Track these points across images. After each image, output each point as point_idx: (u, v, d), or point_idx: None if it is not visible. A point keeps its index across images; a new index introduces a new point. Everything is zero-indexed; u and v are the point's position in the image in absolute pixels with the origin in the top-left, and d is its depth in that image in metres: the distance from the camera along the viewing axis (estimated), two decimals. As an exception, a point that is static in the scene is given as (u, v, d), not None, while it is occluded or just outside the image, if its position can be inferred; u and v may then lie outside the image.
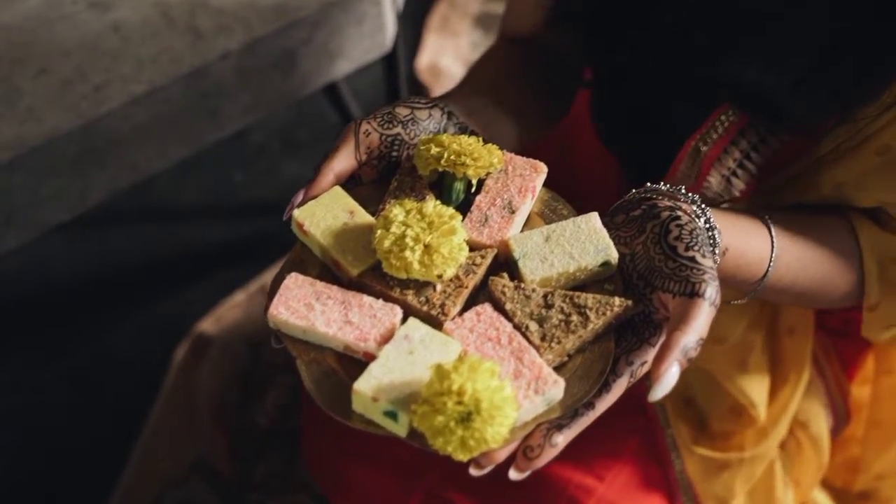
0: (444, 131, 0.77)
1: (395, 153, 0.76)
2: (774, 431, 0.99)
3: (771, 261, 0.77)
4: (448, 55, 2.01)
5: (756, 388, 0.98)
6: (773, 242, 0.77)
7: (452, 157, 0.71)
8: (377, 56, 1.43)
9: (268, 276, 1.51)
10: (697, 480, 0.99)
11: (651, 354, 0.66)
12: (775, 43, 0.78)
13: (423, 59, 2.01)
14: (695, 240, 0.67)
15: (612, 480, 0.98)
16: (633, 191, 0.75)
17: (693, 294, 0.64)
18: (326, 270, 0.71)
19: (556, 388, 0.62)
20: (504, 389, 0.59)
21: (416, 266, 0.66)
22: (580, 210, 0.73)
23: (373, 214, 0.73)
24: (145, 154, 1.25)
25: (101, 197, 1.25)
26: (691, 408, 1.01)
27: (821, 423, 1.02)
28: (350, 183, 0.76)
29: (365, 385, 0.61)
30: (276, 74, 1.29)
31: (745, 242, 0.76)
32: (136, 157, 1.24)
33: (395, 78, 1.61)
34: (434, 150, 0.71)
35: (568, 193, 1.08)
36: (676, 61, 0.85)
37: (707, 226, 0.71)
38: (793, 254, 0.79)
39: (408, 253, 0.66)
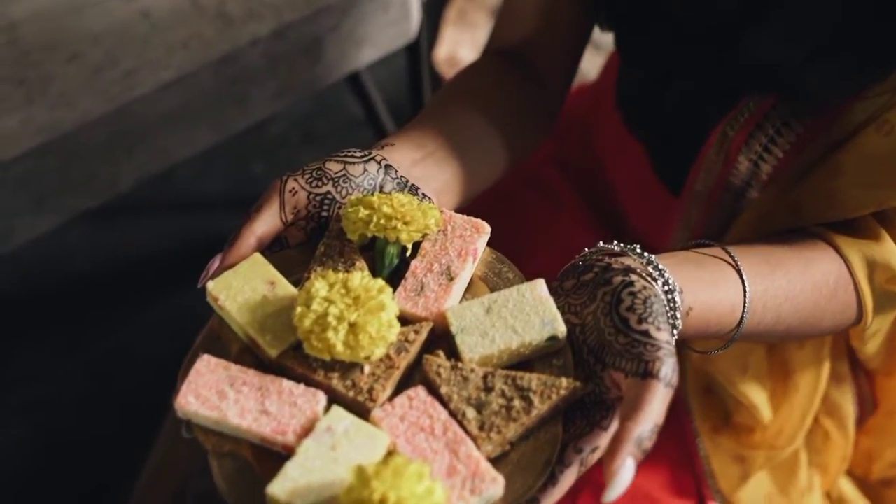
0: (381, 188, 0.71)
1: (325, 212, 0.69)
2: (792, 439, 0.95)
3: (745, 307, 0.71)
4: (465, 47, 2.03)
5: (756, 392, 0.94)
6: (744, 287, 0.71)
7: (383, 220, 0.64)
8: (403, 44, 1.44)
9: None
10: (718, 468, 0.96)
11: (603, 439, 0.60)
12: (792, 16, 0.75)
13: (442, 52, 2.03)
14: (649, 310, 0.60)
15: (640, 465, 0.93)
16: (586, 249, 0.68)
17: (646, 374, 0.57)
18: (247, 347, 0.64)
19: (494, 486, 0.56)
20: (433, 494, 0.53)
21: (339, 348, 0.59)
22: (574, 227, 0.65)
23: (299, 282, 0.66)
24: (174, 140, 1.26)
25: (129, 183, 1.25)
26: (712, 396, 0.97)
27: (849, 410, 0.97)
28: (275, 246, 0.69)
29: (280, 489, 0.55)
30: (304, 61, 1.30)
31: (712, 295, 0.69)
32: (166, 143, 1.25)
33: (418, 67, 1.61)
34: (363, 212, 0.65)
35: (593, 183, 1.07)
36: (701, 42, 0.82)
37: (666, 288, 0.64)
38: (770, 293, 0.73)
39: (330, 333, 0.59)
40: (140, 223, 1.77)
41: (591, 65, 1.85)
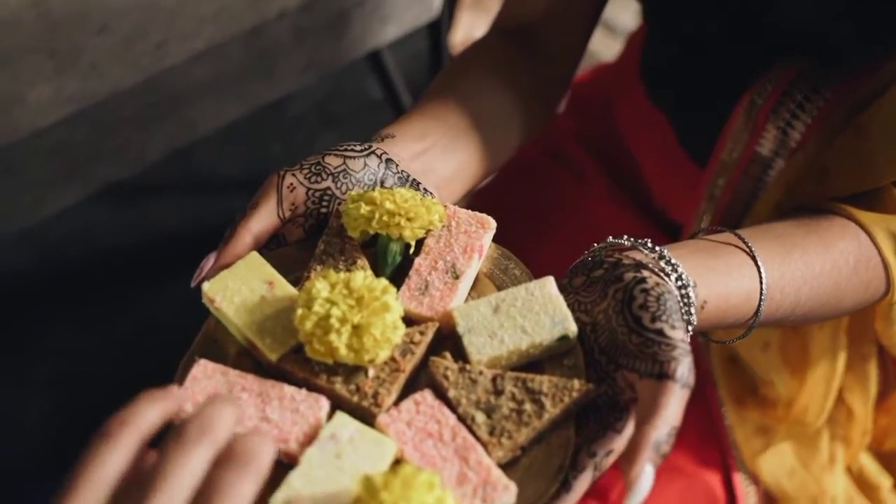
0: (382, 183, 0.68)
1: (324, 209, 0.66)
2: (817, 416, 0.94)
3: (762, 293, 0.69)
4: (481, 30, 2.03)
5: (777, 369, 0.93)
6: (760, 273, 0.69)
7: (385, 217, 0.62)
8: (425, 21, 1.44)
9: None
10: (742, 439, 0.95)
11: (618, 442, 0.57)
12: None
13: (458, 35, 2.03)
14: (662, 308, 0.58)
15: None
16: (595, 245, 0.66)
17: (662, 375, 0.55)
18: (246, 350, 0.62)
19: (506, 494, 0.54)
20: (444, 504, 0.51)
21: (343, 351, 0.57)
22: (598, 202, 0.63)
23: (298, 281, 0.64)
24: (203, 112, 1.26)
25: (158, 154, 1.26)
26: (737, 366, 0.96)
27: (872, 389, 0.96)
28: (273, 243, 0.67)
29: (283, 500, 0.52)
30: (330, 35, 1.30)
31: (727, 285, 0.67)
32: (195, 115, 1.25)
33: (438, 47, 1.61)
34: (364, 209, 0.62)
35: (616, 158, 1.06)
36: (735, 5, 0.81)
37: (679, 283, 0.62)
38: (787, 277, 0.70)
39: (333, 336, 0.56)
40: (159, 202, 1.78)
41: (606, 48, 1.84)
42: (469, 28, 2.09)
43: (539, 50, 0.90)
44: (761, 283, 0.68)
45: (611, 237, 0.65)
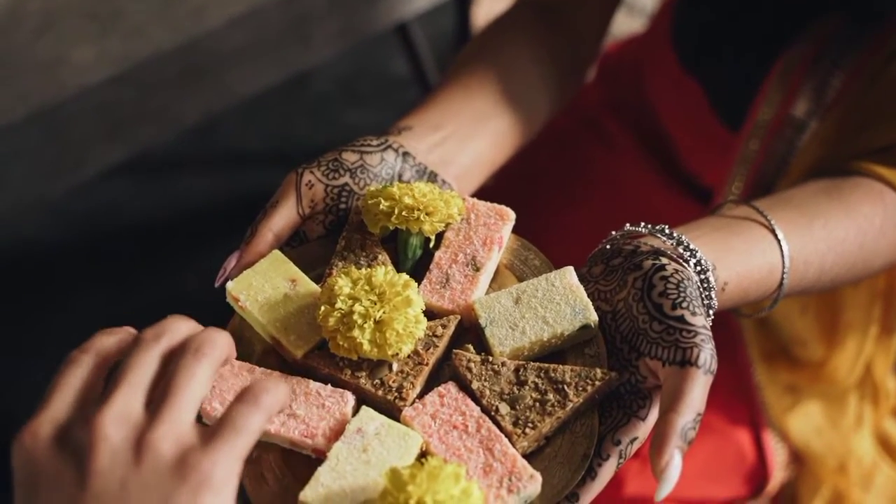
0: (400, 176, 0.69)
1: (343, 205, 0.67)
2: (847, 375, 0.94)
3: (784, 266, 0.69)
4: (504, 3, 2.00)
5: (810, 328, 0.94)
6: (781, 247, 0.69)
7: (405, 212, 0.62)
8: None
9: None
10: (771, 398, 0.96)
11: (642, 429, 0.58)
12: None
13: (480, 13, 2.03)
14: (682, 294, 0.58)
15: None
16: (613, 233, 0.66)
17: (685, 362, 0.55)
18: (271, 347, 0.63)
19: (532, 484, 0.54)
20: (471, 496, 0.51)
21: (366, 346, 0.57)
22: (630, 170, 0.63)
23: (320, 277, 0.64)
24: (241, 76, 1.29)
25: (197, 118, 1.28)
26: (766, 326, 0.96)
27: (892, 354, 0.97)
28: (294, 241, 0.67)
29: (312, 495, 0.53)
30: (363, 2, 1.33)
31: (748, 263, 0.67)
32: (232, 79, 1.28)
33: (466, 22, 1.63)
34: (384, 204, 0.63)
35: (647, 126, 1.06)
36: None
37: (699, 269, 0.62)
38: (810, 246, 0.70)
39: (356, 332, 0.57)
40: (185, 177, 1.80)
41: (626, 27, 1.83)
42: (491, 4, 2.07)
43: (564, 24, 0.89)
44: (783, 256, 0.68)
45: (628, 224, 0.65)
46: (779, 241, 0.68)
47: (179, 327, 0.51)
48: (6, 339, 1.57)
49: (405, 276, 0.59)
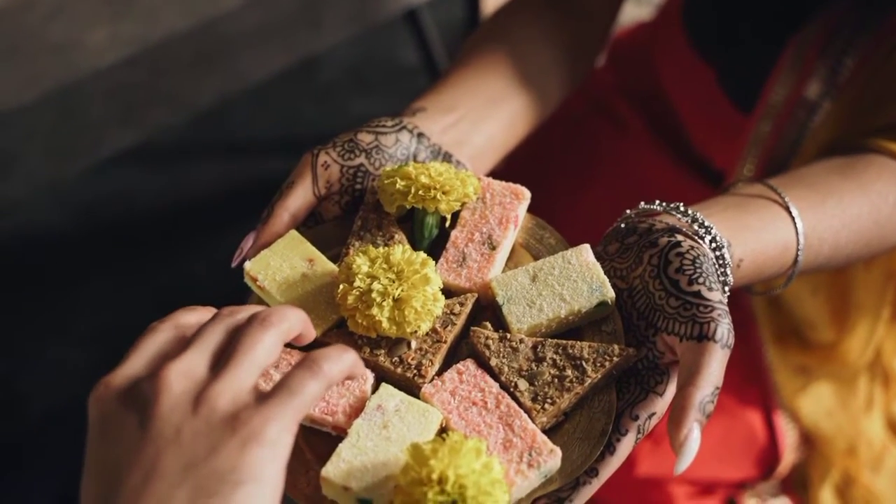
0: (414, 157, 0.69)
1: (358, 185, 0.67)
2: (858, 357, 0.95)
3: (799, 243, 0.69)
4: None
5: (820, 311, 0.94)
6: (795, 224, 0.69)
7: (421, 191, 0.62)
8: None
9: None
10: (782, 379, 0.97)
11: (660, 405, 0.58)
12: None
13: (490, 0, 2.03)
14: (698, 270, 0.58)
15: None
16: (628, 211, 0.66)
17: (702, 337, 0.56)
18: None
19: (552, 458, 0.55)
20: (492, 470, 0.52)
21: (385, 324, 0.58)
22: (642, 154, 0.63)
23: (337, 257, 0.64)
24: (252, 60, 1.30)
25: (209, 101, 1.29)
26: (778, 307, 0.97)
27: None
28: (310, 221, 0.68)
29: (334, 471, 0.54)
30: None
31: (763, 240, 0.67)
32: (244, 63, 1.29)
33: (476, 7, 1.63)
34: (400, 184, 0.63)
35: (658, 110, 1.06)
36: None
37: (714, 245, 0.62)
38: (824, 223, 0.70)
39: (375, 310, 0.57)
40: (193, 164, 1.82)
41: (634, 15, 1.82)
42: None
43: (575, 7, 0.89)
44: (797, 233, 0.68)
45: (643, 203, 0.66)
46: (793, 218, 0.68)
47: (256, 308, 0.53)
48: (19, 323, 1.59)
49: (423, 255, 0.60)
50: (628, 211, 0.66)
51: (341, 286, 0.59)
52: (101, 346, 1.59)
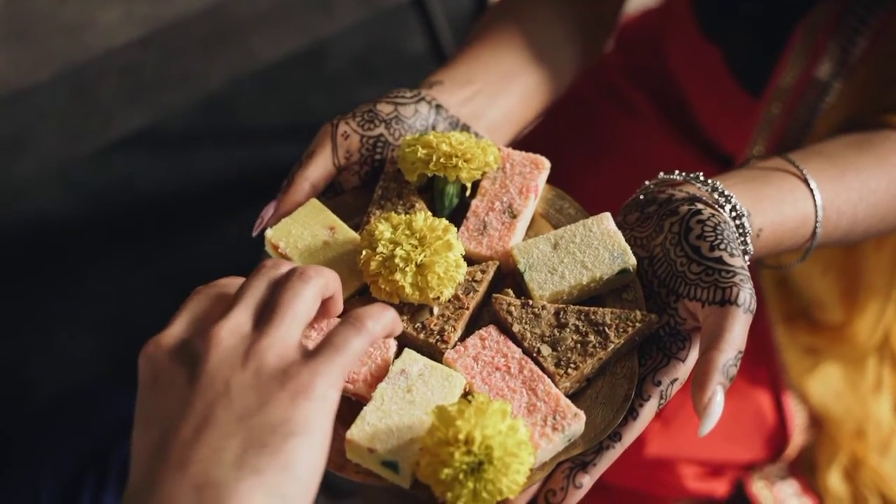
0: (433, 128, 0.69)
1: (378, 156, 0.67)
2: (868, 338, 0.95)
3: (818, 216, 0.69)
4: None
5: (830, 290, 0.94)
6: (814, 196, 0.69)
7: (442, 159, 0.62)
8: None
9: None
10: (791, 360, 0.97)
11: (682, 371, 0.58)
12: None
13: None
14: (720, 237, 0.59)
15: None
16: (647, 182, 0.66)
17: (725, 302, 0.56)
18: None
19: (576, 422, 0.55)
20: (517, 432, 0.52)
21: (408, 290, 0.58)
22: (652, 137, 0.63)
23: (357, 226, 0.64)
24: (264, 42, 1.31)
25: (220, 84, 1.30)
26: (787, 288, 0.97)
27: None
28: (329, 192, 0.68)
29: (359, 434, 0.54)
30: None
31: (782, 212, 0.67)
32: (256, 45, 1.30)
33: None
34: (421, 152, 0.63)
35: (668, 94, 1.06)
36: None
37: (734, 214, 0.62)
38: (843, 196, 0.70)
39: (398, 275, 0.58)
40: (200, 152, 1.82)
41: (641, 3, 1.82)
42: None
43: None
44: (815, 205, 0.68)
45: (662, 173, 0.66)
46: (811, 190, 0.68)
47: (294, 263, 0.55)
48: (27, 309, 1.59)
49: (445, 221, 0.60)
50: (647, 182, 0.66)
51: (364, 252, 0.59)
52: (108, 333, 1.59)
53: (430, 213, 0.61)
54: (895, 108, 0.77)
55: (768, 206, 0.66)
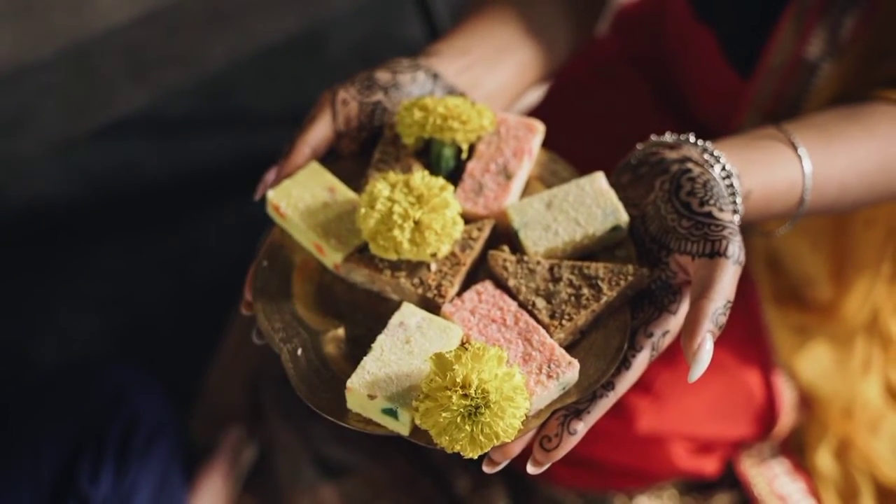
0: (431, 95, 0.70)
1: (376, 122, 0.69)
2: (856, 313, 0.97)
3: (805, 183, 0.70)
4: None
5: (820, 266, 0.96)
6: (802, 162, 0.70)
7: (438, 121, 0.64)
8: None
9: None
10: (780, 338, 0.98)
11: (673, 323, 0.60)
12: None
13: None
14: (709, 193, 0.60)
15: None
16: (638, 145, 0.68)
17: (714, 254, 0.57)
18: (310, 255, 0.65)
19: (570, 370, 0.56)
20: (514, 377, 0.53)
21: (406, 246, 0.59)
22: (649, 119, 0.65)
23: (356, 190, 0.66)
24: (263, 24, 1.32)
25: (220, 63, 1.32)
26: (777, 268, 0.98)
27: None
28: (328, 158, 0.69)
29: (359, 382, 0.55)
30: None
31: (771, 174, 0.68)
32: (255, 26, 1.32)
33: None
34: (418, 114, 0.65)
35: (663, 76, 1.07)
36: None
37: (724, 173, 0.64)
38: (830, 163, 0.72)
39: (396, 232, 0.59)
40: (202, 137, 1.81)
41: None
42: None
43: None
44: (803, 171, 0.70)
45: (653, 136, 0.67)
46: (800, 157, 0.70)
47: None
48: (28, 291, 1.61)
49: (442, 180, 0.61)
50: (639, 145, 0.68)
51: (363, 210, 0.60)
52: (109, 312, 1.61)
53: (427, 173, 0.63)
54: (885, 83, 0.79)
55: (758, 169, 0.67)
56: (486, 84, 0.76)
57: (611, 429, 0.99)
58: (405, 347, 0.57)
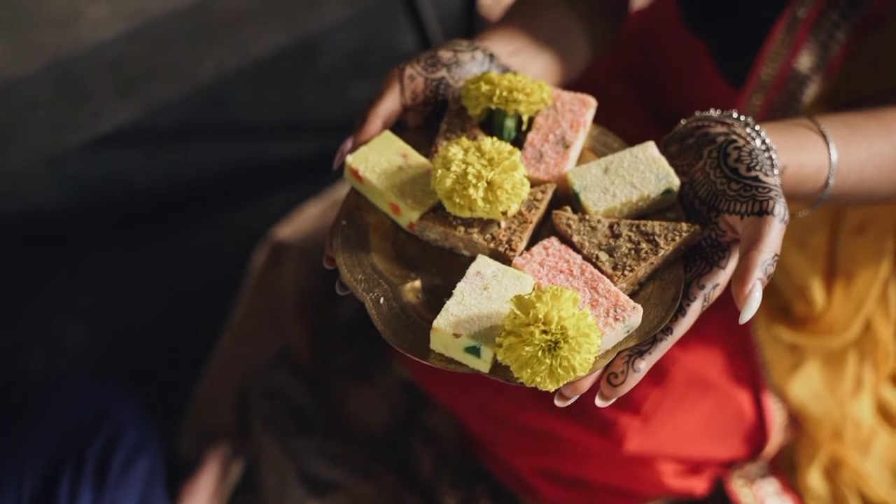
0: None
1: (440, 97, 0.74)
2: (846, 326, 1.00)
3: (831, 168, 0.75)
4: None
5: (811, 274, 0.99)
6: (829, 149, 0.76)
7: (504, 93, 0.70)
8: None
9: (340, 190, 1.59)
10: (772, 357, 1.01)
11: (722, 277, 0.65)
12: None
13: None
14: (755, 160, 0.66)
15: (694, 348, 1.00)
16: (683, 121, 0.74)
17: (762, 212, 0.63)
18: (384, 216, 0.70)
19: (635, 314, 0.62)
20: (587, 317, 0.59)
21: (480, 203, 0.65)
22: (638, 133, 0.72)
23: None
24: (252, 36, 1.33)
25: (209, 78, 1.32)
26: (769, 288, 1.01)
27: (893, 310, 1.02)
28: (395, 130, 0.75)
29: (444, 322, 0.60)
30: None
31: (802, 156, 0.74)
32: (245, 39, 1.32)
33: (473, 5, 1.66)
34: (484, 87, 0.70)
35: (654, 90, 1.10)
36: None
37: (763, 146, 0.70)
38: (852, 155, 0.77)
39: (471, 190, 0.64)
40: (197, 146, 1.85)
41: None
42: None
43: None
44: (830, 158, 0.76)
45: (697, 112, 0.73)
46: (828, 144, 0.76)
47: None
48: (19, 302, 1.63)
49: (510, 145, 0.67)
50: (683, 121, 0.74)
51: (439, 171, 0.65)
52: (102, 323, 1.63)
53: (496, 139, 0.68)
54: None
55: (792, 148, 0.73)
56: (531, 70, 0.82)
57: (600, 449, 1.03)
58: (484, 293, 0.62)
